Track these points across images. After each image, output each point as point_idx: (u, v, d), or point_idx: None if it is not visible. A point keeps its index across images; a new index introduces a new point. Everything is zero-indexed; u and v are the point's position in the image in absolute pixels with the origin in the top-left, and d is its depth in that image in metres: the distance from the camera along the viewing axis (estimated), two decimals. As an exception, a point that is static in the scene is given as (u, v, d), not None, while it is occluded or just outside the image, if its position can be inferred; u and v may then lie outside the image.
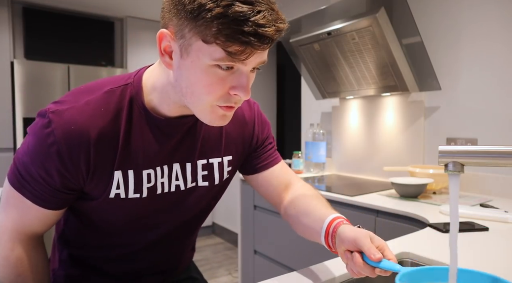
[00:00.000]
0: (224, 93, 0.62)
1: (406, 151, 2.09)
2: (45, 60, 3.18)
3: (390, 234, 1.47)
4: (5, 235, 0.70)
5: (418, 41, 1.80)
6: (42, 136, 0.63)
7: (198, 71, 0.60)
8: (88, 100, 0.67)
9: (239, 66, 0.60)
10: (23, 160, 0.66)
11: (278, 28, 0.57)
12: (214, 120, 0.66)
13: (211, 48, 0.57)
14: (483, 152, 0.56)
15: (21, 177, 0.66)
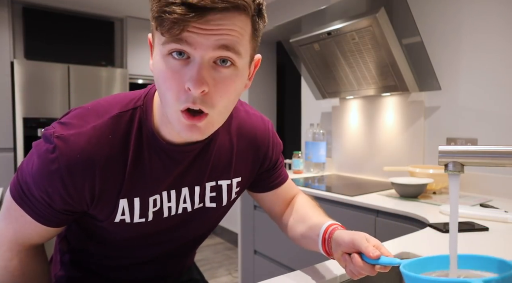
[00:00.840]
0: (180, 90, 0.54)
1: (406, 151, 2.09)
2: (45, 60, 3.18)
3: (390, 234, 1.47)
4: (4, 245, 0.69)
5: (418, 41, 1.80)
6: (46, 161, 0.60)
7: (158, 64, 0.56)
8: (95, 125, 0.62)
9: (193, 55, 0.53)
10: (27, 179, 0.63)
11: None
12: (182, 130, 0.58)
13: (158, 34, 0.54)
14: (483, 152, 0.56)
15: (23, 193, 0.64)
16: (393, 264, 0.63)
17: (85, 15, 3.50)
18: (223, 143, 0.76)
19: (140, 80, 3.63)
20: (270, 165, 0.87)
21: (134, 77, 3.58)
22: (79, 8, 3.40)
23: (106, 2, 3.24)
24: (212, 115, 0.57)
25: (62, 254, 0.85)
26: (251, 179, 0.85)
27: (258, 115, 0.85)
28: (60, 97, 3.07)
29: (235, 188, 0.81)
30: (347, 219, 1.71)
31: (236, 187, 0.81)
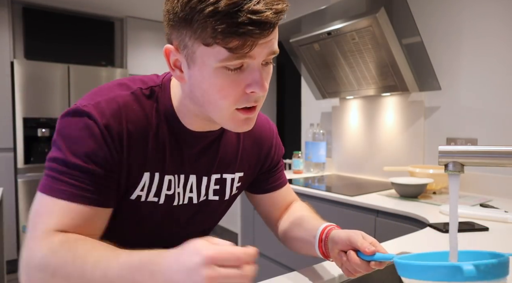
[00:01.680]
0: (241, 94, 0.59)
1: (406, 151, 2.08)
2: (45, 60, 3.18)
3: (390, 234, 1.47)
4: (39, 242, 0.58)
5: (418, 41, 1.80)
6: (85, 130, 0.60)
7: (208, 77, 0.58)
8: (120, 94, 0.65)
9: (248, 62, 0.57)
10: (60, 157, 0.60)
11: (276, 10, 0.53)
12: (238, 126, 0.64)
13: (213, 50, 0.55)
14: (483, 152, 0.56)
15: (59, 176, 0.59)
16: (387, 260, 0.63)
17: (85, 15, 3.49)
18: (231, 138, 0.79)
19: (140, 80, 3.63)
20: (271, 166, 0.88)
21: (134, 77, 3.59)
22: (79, 8, 3.40)
23: (106, 2, 3.24)
24: (259, 106, 0.64)
25: None
26: (253, 177, 0.87)
27: (264, 117, 0.89)
28: (60, 97, 3.07)
29: (236, 182, 0.82)
30: (347, 219, 1.71)
31: (238, 182, 0.83)
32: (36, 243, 0.57)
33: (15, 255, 2.97)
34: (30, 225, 0.59)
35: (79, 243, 0.56)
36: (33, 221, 0.59)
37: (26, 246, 0.58)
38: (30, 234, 0.58)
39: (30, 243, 0.57)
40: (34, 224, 0.59)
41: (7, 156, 3.00)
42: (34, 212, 0.60)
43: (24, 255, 0.57)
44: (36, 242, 0.57)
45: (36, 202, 0.61)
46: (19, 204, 2.92)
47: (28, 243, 0.58)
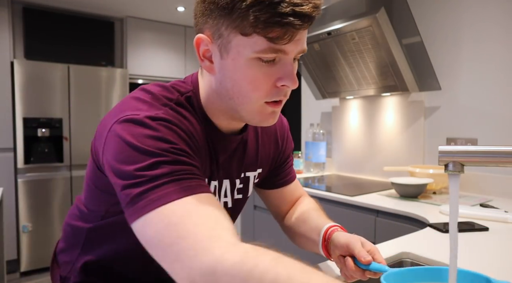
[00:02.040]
0: (271, 87, 0.60)
1: (406, 151, 2.08)
2: (45, 60, 3.18)
3: (390, 234, 1.47)
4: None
5: (418, 41, 1.80)
6: (160, 127, 0.56)
7: (240, 68, 0.58)
8: (171, 105, 0.62)
9: (281, 57, 0.58)
10: (154, 161, 0.53)
11: (315, 4, 0.55)
12: (263, 119, 0.64)
13: (251, 40, 0.56)
14: (483, 152, 0.56)
15: (168, 179, 0.52)
16: (381, 271, 0.64)
17: (85, 15, 3.49)
18: (251, 136, 0.79)
19: (140, 80, 3.63)
20: (282, 161, 0.89)
21: (134, 77, 3.58)
22: (79, 8, 3.40)
23: (106, 2, 3.24)
24: (285, 100, 0.64)
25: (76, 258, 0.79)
26: (268, 173, 0.88)
27: None
28: (60, 97, 3.07)
29: (256, 178, 0.83)
30: (347, 219, 1.71)
31: (257, 178, 0.84)
32: (218, 249, 0.46)
33: (15, 255, 2.97)
34: (182, 237, 0.48)
35: (272, 253, 0.49)
36: (183, 233, 0.48)
37: (198, 255, 0.46)
38: (195, 243, 0.47)
39: (203, 251, 0.46)
40: (190, 234, 0.48)
41: (7, 156, 3.00)
42: (175, 225, 0.49)
43: (202, 265, 0.45)
44: (210, 252, 0.46)
45: (161, 219, 0.49)
46: (19, 204, 2.92)
47: (200, 252, 0.46)
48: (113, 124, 0.58)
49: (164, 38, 3.72)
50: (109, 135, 0.58)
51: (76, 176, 3.16)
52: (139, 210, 0.51)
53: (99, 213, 0.73)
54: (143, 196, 0.51)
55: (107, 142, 0.58)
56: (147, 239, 0.51)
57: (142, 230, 0.51)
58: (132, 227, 0.53)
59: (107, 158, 0.58)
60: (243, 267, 0.44)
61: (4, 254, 2.11)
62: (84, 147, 3.18)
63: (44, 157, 3.03)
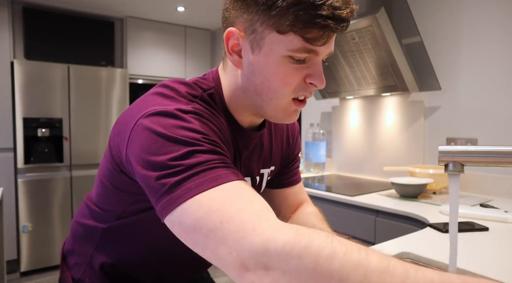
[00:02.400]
0: (300, 83, 0.61)
1: (406, 151, 2.08)
2: (45, 60, 3.18)
3: (390, 234, 1.47)
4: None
5: (418, 41, 1.80)
6: (191, 119, 0.56)
7: (272, 64, 0.59)
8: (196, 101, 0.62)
9: (311, 57, 0.59)
10: (186, 151, 0.52)
11: (352, 9, 0.57)
12: (286, 116, 0.66)
13: (286, 38, 0.56)
14: (483, 152, 0.56)
15: (203, 167, 0.51)
16: None
17: (85, 15, 3.49)
18: (266, 134, 0.80)
19: (140, 80, 3.62)
20: (290, 159, 0.89)
21: (134, 77, 3.58)
22: (79, 8, 3.39)
23: (106, 2, 3.24)
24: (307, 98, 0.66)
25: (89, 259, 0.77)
26: (278, 170, 0.87)
27: None
28: (60, 97, 3.06)
29: (268, 176, 0.83)
30: (347, 219, 1.71)
31: (269, 175, 0.84)
32: (259, 233, 0.44)
33: (15, 255, 2.97)
34: (221, 225, 0.46)
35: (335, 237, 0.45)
36: (229, 217, 0.46)
37: (253, 236, 0.44)
38: (242, 226, 0.45)
39: (256, 231, 0.44)
40: (230, 219, 0.46)
41: (7, 156, 2.99)
42: (216, 211, 0.47)
43: (252, 246, 0.43)
44: (259, 232, 0.44)
45: (200, 206, 0.48)
46: (19, 204, 2.92)
47: (254, 233, 0.44)
48: (140, 118, 0.56)
49: (164, 38, 3.72)
50: (135, 129, 0.56)
51: (76, 176, 3.16)
52: (175, 200, 0.49)
53: (115, 213, 0.71)
54: (180, 186, 0.49)
55: (133, 136, 0.56)
56: (186, 228, 0.48)
57: (179, 220, 0.49)
58: (167, 219, 0.50)
59: (134, 153, 0.55)
60: (298, 244, 0.42)
61: (4, 254, 2.11)
62: (84, 147, 3.18)
63: (44, 157, 3.03)
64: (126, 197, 0.66)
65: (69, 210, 3.12)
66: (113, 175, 0.66)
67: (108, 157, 0.67)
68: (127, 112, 0.63)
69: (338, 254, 0.41)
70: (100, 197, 0.73)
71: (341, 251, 0.41)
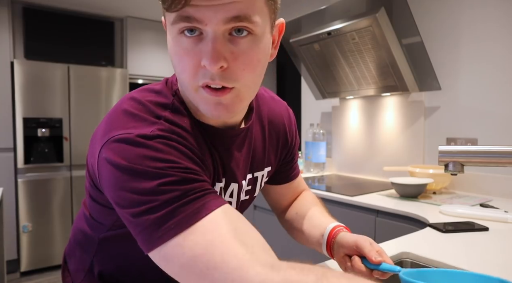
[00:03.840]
0: (195, 67, 0.51)
1: (406, 151, 2.09)
2: (45, 60, 3.18)
3: (390, 234, 1.47)
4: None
5: (418, 41, 1.80)
6: (160, 147, 0.50)
7: (172, 47, 0.53)
8: (159, 115, 0.56)
9: (203, 29, 0.49)
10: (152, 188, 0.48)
11: None
12: (208, 110, 0.54)
13: (167, 14, 0.51)
14: (483, 152, 0.56)
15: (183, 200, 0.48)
16: (393, 272, 0.63)
17: (85, 15, 3.49)
18: (257, 133, 0.73)
19: (140, 80, 3.62)
20: (289, 157, 0.85)
21: (134, 77, 3.58)
22: (79, 8, 3.39)
23: (106, 2, 3.24)
24: (239, 88, 0.53)
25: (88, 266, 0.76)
26: (276, 170, 0.84)
27: (283, 102, 0.84)
28: (60, 97, 3.06)
29: (265, 178, 0.79)
30: (347, 219, 1.71)
31: (266, 176, 0.80)
32: (259, 273, 0.43)
33: (15, 255, 2.97)
34: (208, 272, 0.45)
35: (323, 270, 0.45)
36: (212, 264, 0.45)
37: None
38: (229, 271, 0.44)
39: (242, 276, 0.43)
40: (216, 265, 0.45)
41: (7, 156, 3.00)
42: (201, 256, 0.45)
43: None
44: (252, 278, 0.43)
45: (184, 252, 0.46)
46: (19, 204, 2.92)
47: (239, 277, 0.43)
48: (103, 146, 0.52)
49: (164, 38, 3.71)
50: (100, 161, 0.52)
51: (76, 176, 3.16)
52: (156, 240, 0.47)
53: (106, 225, 0.69)
54: (158, 226, 0.47)
55: (100, 169, 0.53)
56: (175, 271, 0.47)
57: (164, 262, 0.48)
58: (151, 256, 0.49)
59: (106, 189, 0.53)
60: None
61: (4, 254, 2.11)
62: (84, 147, 3.18)
63: (44, 157, 3.03)
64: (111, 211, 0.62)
65: (69, 210, 3.12)
66: (95, 191, 0.63)
67: (87, 172, 0.64)
68: (97, 128, 0.58)
69: None
70: (90, 207, 0.71)
71: None
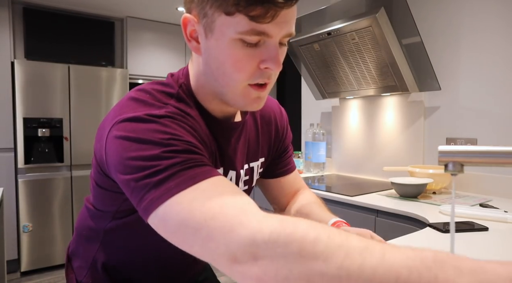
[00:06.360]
0: (255, 69, 0.59)
1: (406, 151, 2.09)
2: (45, 60, 3.18)
3: (390, 234, 1.47)
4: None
5: (418, 41, 1.80)
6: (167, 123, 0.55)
7: (224, 48, 0.57)
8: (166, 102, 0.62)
9: (265, 40, 0.57)
10: (165, 151, 0.52)
11: None
12: (248, 103, 0.63)
13: (234, 19, 0.54)
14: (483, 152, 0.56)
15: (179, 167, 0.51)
16: None
17: (85, 15, 3.49)
18: (251, 126, 0.79)
19: (140, 80, 3.62)
20: (282, 149, 0.90)
21: (134, 77, 3.58)
22: (79, 8, 3.40)
23: (106, 2, 3.24)
24: (270, 85, 0.63)
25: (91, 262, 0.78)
26: (269, 161, 0.88)
27: (275, 101, 0.90)
28: (60, 97, 3.07)
29: (259, 168, 0.83)
30: (347, 219, 1.70)
31: (260, 167, 0.83)
32: (251, 222, 0.45)
33: (15, 255, 2.97)
34: (211, 220, 0.46)
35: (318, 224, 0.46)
36: (212, 214, 0.47)
37: (237, 232, 0.45)
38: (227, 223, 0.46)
39: (239, 228, 0.45)
40: (221, 213, 0.47)
41: (7, 156, 3.00)
42: (199, 209, 0.48)
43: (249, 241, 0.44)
44: (245, 225, 0.45)
45: (183, 207, 0.48)
46: (20, 204, 2.92)
47: (236, 230, 0.45)
48: (111, 127, 0.57)
49: (164, 38, 3.72)
50: (108, 140, 0.57)
51: (77, 176, 3.17)
52: (156, 200, 0.49)
53: (110, 213, 0.71)
54: (160, 186, 0.50)
55: (108, 147, 0.57)
56: (171, 229, 0.49)
57: (163, 222, 0.49)
58: (150, 220, 0.51)
59: (112, 164, 0.56)
60: (283, 232, 0.43)
61: (4, 254, 2.11)
62: (85, 147, 3.18)
63: (44, 157, 3.03)
64: (116, 196, 0.66)
65: (69, 210, 3.12)
66: (100, 177, 0.66)
67: (94, 160, 0.68)
68: (105, 118, 0.63)
69: (322, 237, 0.42)
70: (95, 198, 0.73)
71: (324, 235, 0.42)
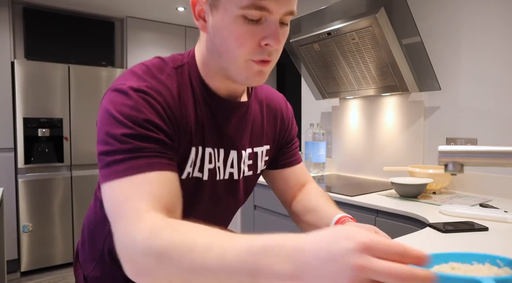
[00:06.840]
0: (256, 46, 0.62)
1: (406, 151, 2.09)
2: (45, 60, 3.18)
3: (390, 234, 1.47)
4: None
5: (418, 41, 1.80)
6: (137, 98, 0.60)
7: (227, 25, 0.60)
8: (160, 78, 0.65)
9: (266, 17, 0.60)
10: (121, 133, 0.57)
11: None
12: (250, 77, 0.65)
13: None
14: (483, 152, 0.56)
15: (128, 155, 0.57)
16: None
17: (85, 15, 3.50)
18: (256, 111, 0.82)
19: (140, 80, 3.63)
20: (288, 140, 0.91)
21: (134, 77, 3.59)
22: (79, 8, 3.40)
23: (106, 2, 3.24)
24: (273, 61, 0.66)
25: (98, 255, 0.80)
26: (275, 150, 0.89)
27: (281, 95, 0.93)
28: (60, 97, 3.07)
29: (264, 156, 0.85)
30: (347, 219, 1.71)
31: (266, 155, 0.85)
32: (132, 226, 0.51)
33: (15, 255, 2.97)
34: (115, 215, 0.54)
35: (183, 225, 0.50)
36: (118, 210, 0.54)
37: (120, 232, 0.52)
38: (120, 221, 0.53)
39: (123, 228, 0.52)
40: (122, 211, 0.53)
41: (7, 156, 3.00)
42: (114, 201, 0.55)
43: (122, 242, 0.51)
44: (131, 226, 0.51)
45: (109, 193, 0.56)
46: (20, 204, 2.93)
47: (121, 229, 0.52)
48: (105, 94, 0.64)
49: (164, 38, 3.72)
50: (100, 108, 0.63)
51: (77, 176, 3.17)
52: (103, 177, 0.57)
53: None
54: (109, 167, 0.57)
55: (99, 112, 0.63)
56: (105, 206, 0.57)
57: (103, 198, 0.58)
58: (102, 189, 0.58)
59: (97, 129, 0.62)
60: (153, 243, 0.49)
61: (4, 254, 2.12)
62: (85, 147, 3.18)
63: (44, 157, 3.03)
64: None
65: (69, 210, 3.12)
66: None
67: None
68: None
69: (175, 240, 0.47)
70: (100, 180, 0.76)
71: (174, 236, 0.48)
